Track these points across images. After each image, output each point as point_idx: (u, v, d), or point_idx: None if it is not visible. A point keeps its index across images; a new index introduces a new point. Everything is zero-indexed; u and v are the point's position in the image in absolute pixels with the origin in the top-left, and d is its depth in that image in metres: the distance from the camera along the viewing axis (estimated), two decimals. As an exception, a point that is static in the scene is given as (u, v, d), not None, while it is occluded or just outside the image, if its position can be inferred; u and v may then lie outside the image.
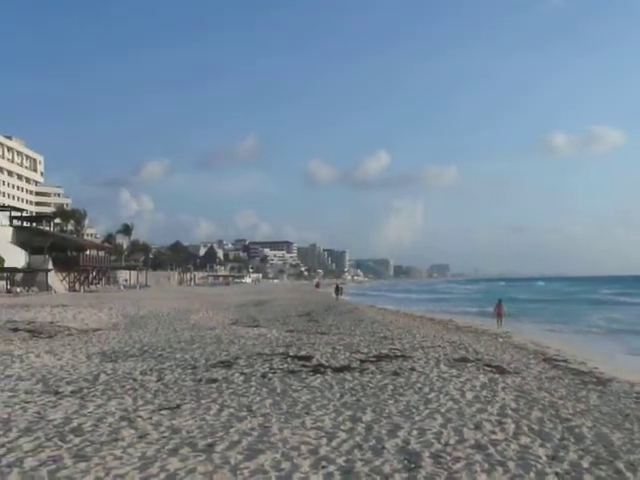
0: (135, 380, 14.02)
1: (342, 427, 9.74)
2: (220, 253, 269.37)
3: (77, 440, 8.88)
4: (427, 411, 10.93)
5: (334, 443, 8.85)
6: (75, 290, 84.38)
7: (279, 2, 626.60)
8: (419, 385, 13.43)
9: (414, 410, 11.00)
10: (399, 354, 18.62)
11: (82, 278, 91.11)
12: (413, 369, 15.65)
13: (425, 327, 32.85)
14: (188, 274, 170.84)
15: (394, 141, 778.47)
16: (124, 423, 9.89)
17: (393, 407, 11.23)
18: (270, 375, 14.54)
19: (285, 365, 16.12)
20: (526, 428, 9.92)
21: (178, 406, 11.19)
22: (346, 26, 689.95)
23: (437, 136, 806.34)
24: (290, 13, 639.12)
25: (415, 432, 9.49)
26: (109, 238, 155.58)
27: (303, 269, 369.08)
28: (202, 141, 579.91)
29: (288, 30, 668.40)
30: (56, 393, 12.50)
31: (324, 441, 8.93)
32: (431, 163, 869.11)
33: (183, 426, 9.69)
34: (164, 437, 9.08)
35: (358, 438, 9.12)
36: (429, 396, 12.26)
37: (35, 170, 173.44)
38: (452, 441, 9.03)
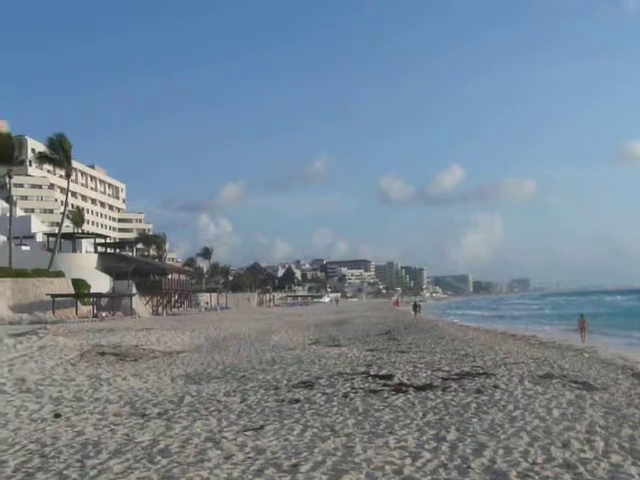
0: (219, 401, 14.22)
1: (426, 446, 9.66)
2: (298, 273, 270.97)
3: (165, 461, 9.05)
4: (512, 429, 10.73)
5: (418, 463, 8.78)
6: (158, 313, 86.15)
7: (343, 11, 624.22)
8: (503, 403, 13.21)
9: (499, 428, 10.82)
10: (481, 371, 18.35)
11: (164, 301, 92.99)
12: (496, 386, 15.41)
13: (507, 343, 32.28)
14: (267, 295, 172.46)
15: (468, 154, 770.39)
16: (210, 444, 10.04)
17: (477, 425, 11.08)
18: (352, 395, 14.53)
19: (366, 384, 16.08)
20: (616, 446, 9.63)
21: (262, 427, 11.29)
22: (408, 35, 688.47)
23: (513, 147, 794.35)
24: (353, 21, 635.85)
25: (501, 451, 9.33)
26: (190, 262, 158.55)
27: (381, 287, 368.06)
28: (276, 162, 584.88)
29: (351, 40, 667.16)
30: (143, 415, 12.78)
31: (408, 461, 8.87)
32: (507, 175, 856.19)
33: (267, 447, 9.77)
34: (249, 458, 9.18)
35: (443, 457, 9.03)
36: (514, 414, 12.05)
37: (117, 197, 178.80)
38: (540, 460, 8.84)
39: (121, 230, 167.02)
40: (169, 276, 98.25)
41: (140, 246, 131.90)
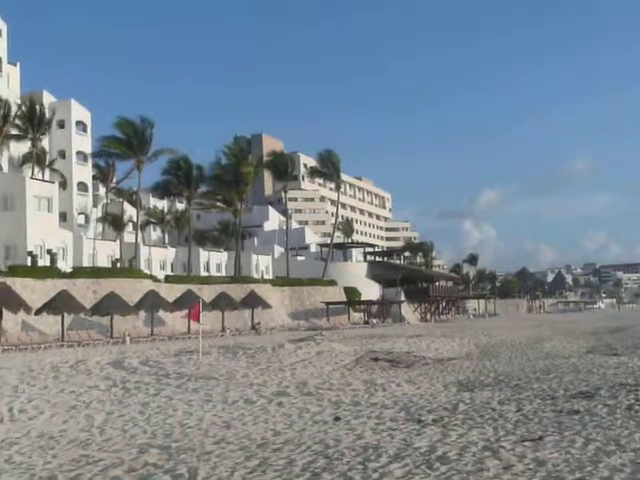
0: (494, 410, 14.02)
1: None
2: (569, 278, 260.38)
3: (444, 468, 9.08)
4: None
5: None
6: (426, 320, 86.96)
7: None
8: None
9: None
10: None
11: (432, 308, 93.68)
12: None
13: None
14: (537, 301, 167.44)
15: None
16: (487, 453, 9.91)
17: None
18: (637, 407, 13.63)
19: (653, 397, 15.01)
20: None
21: (540, 438, 10.94)
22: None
23: None
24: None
25: None
26: (456, 268, 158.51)
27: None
28: (537, 166, 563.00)
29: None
30: (419, 421, 12.94)
31: None
32: None
33: (548, 459, 9.44)
34: (529, 469, 8.92)
35: None
36: None
37: (384, 207, 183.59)
38: None
39: (388, 239, 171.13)
40: (436, 283, 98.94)
41: (407, 254, 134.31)
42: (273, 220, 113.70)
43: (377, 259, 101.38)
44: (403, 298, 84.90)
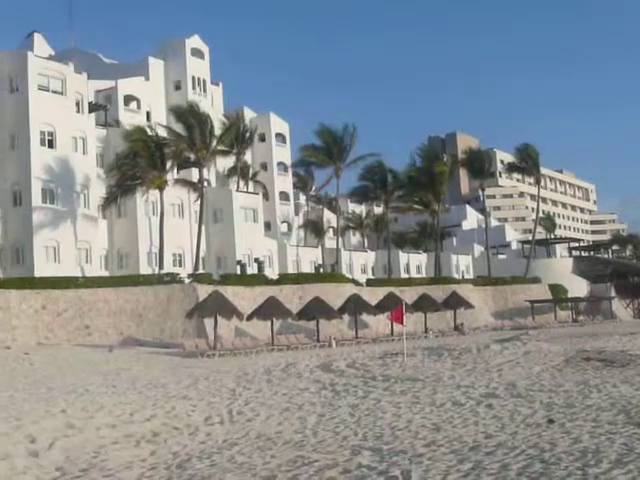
0: None
1: None
2: None
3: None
4: None
5: None
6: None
7: None
8: None
9: None
10: None
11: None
12: None
13: None
14: None
15: None
16: None
17: None
18: None
19: None
20: None
21: None
22: None
23: None
24: None
25: None
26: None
27: None
28: None
29: None
30: (639, 425, 12.26)
31: None
32: None
33: None
34: None
35: None
36: None
37: (588, 199, 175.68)
38: None
39: (593, 232, 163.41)
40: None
41: (615, 247, 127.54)
42: (471, 219, 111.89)
43: (582, 254, 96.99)
44: (613, 294, 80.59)
